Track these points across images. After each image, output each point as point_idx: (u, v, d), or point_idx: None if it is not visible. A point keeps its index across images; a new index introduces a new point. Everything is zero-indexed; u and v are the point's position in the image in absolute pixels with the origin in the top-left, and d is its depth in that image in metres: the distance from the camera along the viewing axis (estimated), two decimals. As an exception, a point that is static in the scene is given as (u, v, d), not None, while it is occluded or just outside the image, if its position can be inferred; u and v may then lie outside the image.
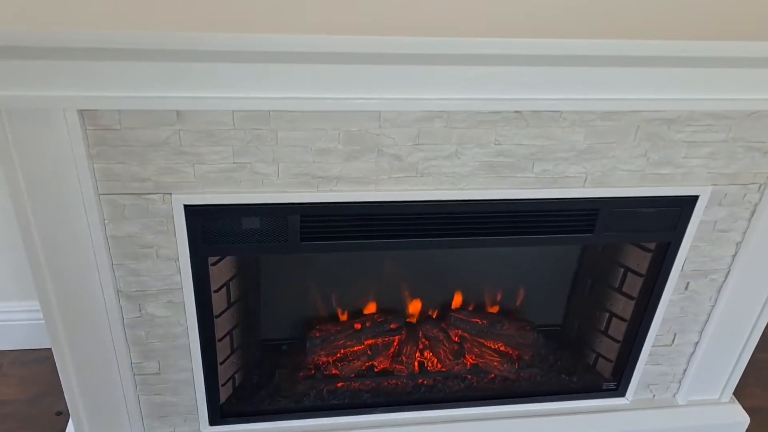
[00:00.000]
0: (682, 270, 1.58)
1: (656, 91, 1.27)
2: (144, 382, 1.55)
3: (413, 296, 1.79)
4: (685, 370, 1.78)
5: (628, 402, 1.82)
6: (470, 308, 1.81)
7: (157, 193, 1.29)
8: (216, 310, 1.51)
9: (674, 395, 1.83)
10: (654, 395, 1.82)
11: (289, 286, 1.71)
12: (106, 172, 1.25)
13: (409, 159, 1.33)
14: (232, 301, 1.57)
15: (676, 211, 1.48)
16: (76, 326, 1.41)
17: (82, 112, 1.17)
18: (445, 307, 1.82)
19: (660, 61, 1.21)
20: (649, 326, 1.66)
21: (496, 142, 1.33)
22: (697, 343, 1.73)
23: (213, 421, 1.65)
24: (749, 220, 1.53)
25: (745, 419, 1.83)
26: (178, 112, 1.20)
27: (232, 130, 1.24)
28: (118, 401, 1.55)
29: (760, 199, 1.50)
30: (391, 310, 1.79)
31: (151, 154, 1.24)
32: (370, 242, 1.43)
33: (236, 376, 1.71)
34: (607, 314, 1.75)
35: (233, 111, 1.21)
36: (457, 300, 1.81)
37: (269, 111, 1.22)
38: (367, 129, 1.28)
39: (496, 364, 1.76)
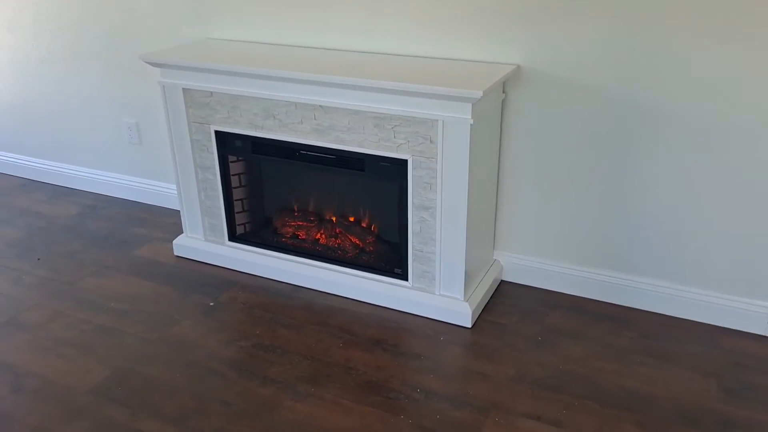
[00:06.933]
0: (413, 203, 3.11)
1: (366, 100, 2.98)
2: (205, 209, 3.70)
3: (325, 205, 3.61)
4: (438, 271, 3.20)
5: (410, 285, 3.31)
6: (349, 218, 3.55)
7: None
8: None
9: (435, 288, 3.25)
10: (425, 286, 3.28)
11: (283, 186, 3.69)
12: (190, 110, 3.46)
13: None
14: (242, 183, 3.63)
15: (401, 167, 3.07)
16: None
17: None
18: (338, 214, 3.58)
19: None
20: (407, 235, 3.20)
21: (315, 118, 3.16)
22: (438, 254, 3.17)
23: (230, 239, 3.72)
24: (437, 179, 3.01)
25: (466, 311, 3.16)
26: None
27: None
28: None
29: (437, 168, 2.98)
30: (313, 210, 3.65)
31: None
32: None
33: (246, 226, 3.74)
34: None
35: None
36: (346, 213, 3.56)
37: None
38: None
39: (347, 246, 3.46)
